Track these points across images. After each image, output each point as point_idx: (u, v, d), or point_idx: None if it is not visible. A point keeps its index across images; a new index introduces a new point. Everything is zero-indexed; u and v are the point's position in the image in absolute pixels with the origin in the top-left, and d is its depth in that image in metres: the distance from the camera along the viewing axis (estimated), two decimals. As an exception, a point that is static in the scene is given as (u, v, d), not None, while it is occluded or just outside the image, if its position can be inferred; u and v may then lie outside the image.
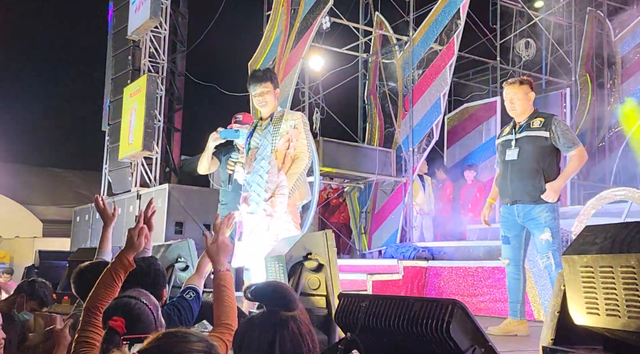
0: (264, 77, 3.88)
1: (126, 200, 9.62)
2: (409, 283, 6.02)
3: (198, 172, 4.73)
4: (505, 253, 4.05)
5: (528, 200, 3.83)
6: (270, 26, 9.44)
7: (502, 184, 4.00)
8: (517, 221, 3.92)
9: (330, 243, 2.77)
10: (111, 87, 11.22)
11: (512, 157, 3.91)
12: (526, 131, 3.90)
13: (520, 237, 3.96)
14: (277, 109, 3.96)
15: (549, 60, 10.67)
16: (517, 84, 4.00)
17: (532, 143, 3.86)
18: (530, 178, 3.83)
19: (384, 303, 2.17)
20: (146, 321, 1.87)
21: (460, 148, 9.56)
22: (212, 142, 4.37)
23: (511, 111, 4.03)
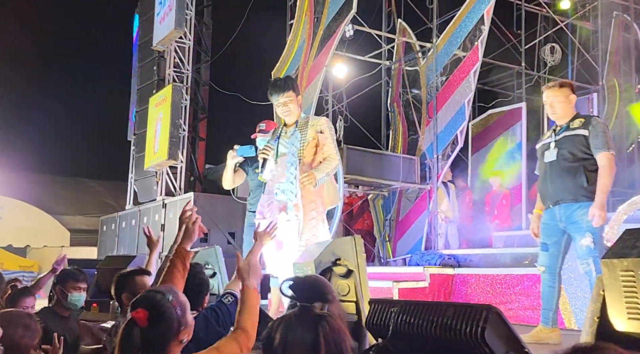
0: (286, 86, 3.89)
1: (152, 209, 9.72)
2: (435, 291, 5.95)
3: (224, 187, 4.86)
4: (542, 260, 3.93)
5: (570, 199, 3.71)
6: (293, 35, 9.48)
7: (543, 187, 3.90)
8: (559, 226, 3.80)
9: (359, 249, 2.76)
10: (137, 97, 11.38)
11: (551, 158, 3.82)
12: (566, 132, 3.81)
13: (559, 244, 3.85)
14: (301, 115, 3.99)
15: (575, 65, 10.54)
16: (556, 87, 3.90)
17: (571, 142, 3.76)
18: (571, 175, 3.72)
19: (415, 308, 2.14)
20: (169, 318, 1.87)
21: (485, 154, 9.46)
22: (231, 160, 4.54)
23: (552, 115, 3.92)
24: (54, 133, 17.53)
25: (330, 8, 8.42)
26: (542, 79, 10.65)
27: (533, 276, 5.32)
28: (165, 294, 1.91)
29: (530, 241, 6.56)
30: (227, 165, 4.64)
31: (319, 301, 1.54)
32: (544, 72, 10.39)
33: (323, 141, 3.80)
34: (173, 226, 8.83)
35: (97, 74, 17.91)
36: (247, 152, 4.46)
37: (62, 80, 18.67)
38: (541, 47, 10.38)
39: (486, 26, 7.92)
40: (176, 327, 1.87)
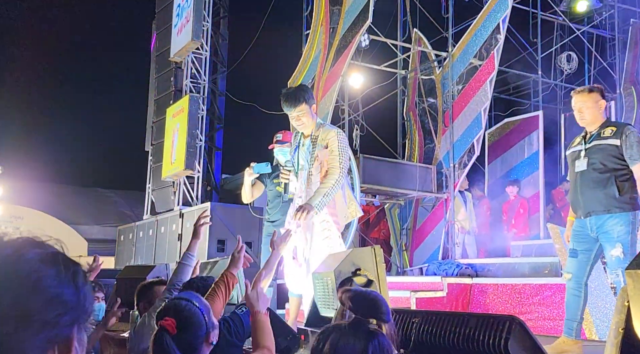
0: (297, 100, 3.81)
1: (169, 219, 9.79)
2: (453, 301, 5.92)
3: (243, 201, 4.95)
4: (570, 266, 3.84)
5: (601, 210, 3.64)
6: (309, 45, 9.54)
7: (573, 197, 3.83)
8: (591, 235, 3.73)
9: (379, 259, 2.76)
10: (154, 107, 11.49)
11: (582, 168, 3.74)
12: (596, 140, 3.72)
13: (590, 252, 3.76)
14: (318, 121, 3.96)
15: (591, 73, 10.48)
16: (585, 92, 3.82)
17: (602, 152, 3.67)
18: (602, 186, 3.65)
19: (437, 318, 2.15)
20: (197, 322, 1.91)
21: (502, 163, 9.42)
22: (248, 177, 4.62)
23: (580, 121, 3.84)
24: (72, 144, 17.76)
25: (346, 18, 8.47)
26: (558, 87, 10.60)
27: (553, 286, 5.28)
28: (190, 299, 1.94)
29: (549, 250, 6.52)
30: (244, 181, 4.71)
31: (374, 318, 1.55)
32: (560, 80, 10.34)
33: (325, 156, 3.77)
34: (190, 236, 8.88)
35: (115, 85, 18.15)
36: (263, 169, 4.53)
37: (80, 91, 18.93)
38: (557, 55, 10.33)
39: (502, 35, 7.91)
40: (205, 330, 1.91)
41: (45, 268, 0.77)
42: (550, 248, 6.24)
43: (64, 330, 0.76)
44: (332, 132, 3.81)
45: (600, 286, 4.72)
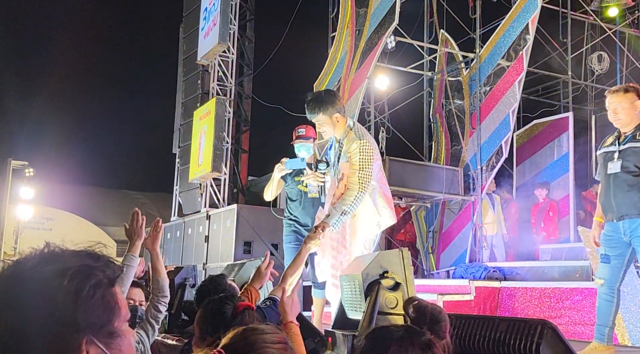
0: (313, 111, 3.71)
1: (196, 221, 9.87)
2: (481, 304, 5.85)
3: (265, 198, 4.84)
4: (602, 272, 3.75)
5: (635, 214, 3.56)
6: (335, 47, 9.55)
7: (605, 200, 3.75)
8: (623, 239, 3.64)
9: (406, 262, 2.73)
10: (181, 110, 11.61)
11: (615, 170, 3.65)
12: (631, 142, 3.64)
13: (623, 257, 3.68)
14: (348, 123, 3.80)
15: (624, 73, 10.26)
16: (621, 92, 3.72)
17: (636, 155, 3.59)
18: (636, 189, 3.56)
19: (467, 322, 2.12)
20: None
21: (531, 165, 9.29)
22: (278, 173, 4.50)
23: (615, 121, 3.74)
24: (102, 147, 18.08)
25: (372, 20, 8.45)
26: (589, 88, 10.42)
27: (584, 290, 5.18)
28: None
29: (579, 254, 6.40)
30: (273, 177, 4.59)
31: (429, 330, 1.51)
32: (591, 81, 10.15)
33: (345, 169, 3.65)
34: (217, 237, 8.95)
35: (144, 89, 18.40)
36: (297, 164, 4.36)
37: (110, 95, 19.26)
38: (588, 55, 10.15)
39: (531, 35, 7.80)
40: None
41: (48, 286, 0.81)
42: (580, 251, 6.13)
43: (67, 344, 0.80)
44: (355, 144, 3.64)
45: (634, 291, 4.62)
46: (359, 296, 2.81)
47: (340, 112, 3.77)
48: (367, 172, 3.61)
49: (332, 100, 3.78)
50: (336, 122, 3.73)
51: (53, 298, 0.80)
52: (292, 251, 4.74)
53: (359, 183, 3.57)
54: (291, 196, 4.88)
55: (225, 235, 8.64)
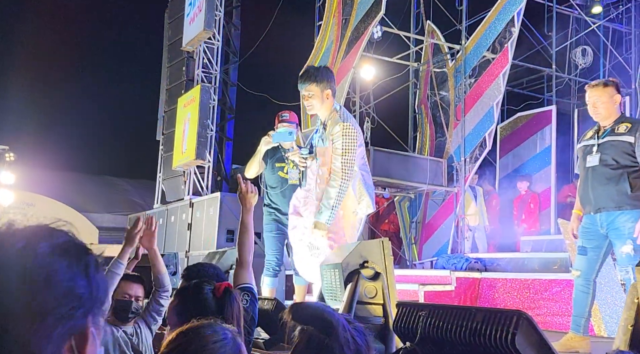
0: (308, 79, 3.64)
1: (179, 208, 9.83)
2: (461, 295, 5.91)
3: (247, 176, 4.65)
4: (579, 264, 3.80)
5: (612, 206, 3.59)
6: (321, 36, 9.51)
7: (583, 192, 3.77)
8: (600, 231, 3.69)
9: (386, 252, 2.75)
10: (165, 97, 11.51)
11: (593, 163, 3.68)
12: (610, 136, 3.66)
13: (600, 249, 3.72)
14: (334, 106, 3.71)
15: (607, 68, 10.35)
16: (600, 86, 3.75)
17: (614, 148, 3.62)
18: (613, 182, 3.60)
19: (444, 312, 2.14)
20: None
21: (514, 158, 9.36)
22: (265, 146, 4.34)
23: (595, 115, 3.77)
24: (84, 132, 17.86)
25: (358, 9, 8.42)
26: (572, 82, 10.49)
27: (562, 282, 5.25)
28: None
29: (559, 246, 6.48)
30: (258, 150, 4.41)
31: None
32: (574, 75, 10.22)
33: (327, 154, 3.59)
34: (200, 225, 8.92)
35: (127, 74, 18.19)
36: (284, 137, 4.07)
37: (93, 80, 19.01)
38: (572, 49, 10.21)
39: (516, 28, 7.84)
40: None
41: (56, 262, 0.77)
42: (560, 243, 6.20)
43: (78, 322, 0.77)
44: (338, 127, 3.56)
45: (610, 283, 4.69)
46: (339, 285, 2.82)
47: (332, 90, 3.72)
48: (350, 157, 3.54)
49: (328, 76, 3.73)
50: (325, 99, 3.66)
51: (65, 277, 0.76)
52: (273, 240, 4.70)
53: (342, 170, 3.52)
54: (271, 183, 4.76)
55: (208, 223, 8.61)
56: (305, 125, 9.49)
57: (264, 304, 3.29)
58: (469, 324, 1.97)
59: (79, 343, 0.77)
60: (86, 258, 0.81)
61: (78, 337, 0.77)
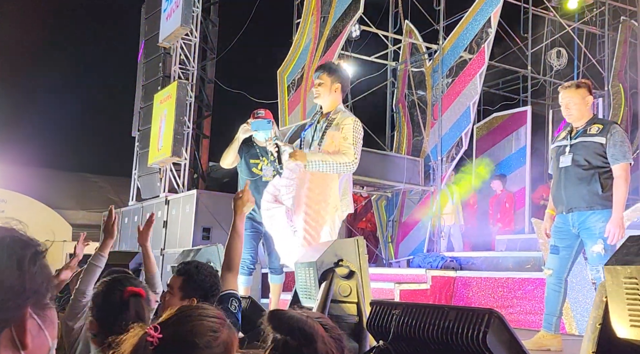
0: (323, 68, 3.82)
1: (155, 205, 9.73)
2: (437, 293, 5.95)
3: (222, 166, 4.70)
4: (551, 263, 3.85)
5: (584, 206, 3.65)
6: (299, 34, 9.49)
7: (556, 192, 3.82)
8: (572, 231, 3.74)
9: (361, 250, 2.75)
10: (142, 93, 11.38)
11: (566, 164, 3.73)
12: (582, 137, 3.72)
13: (571, 248, 3.77)
14: (340, 107, 3.82)
15: (581, 70, 10.51)
16: (573, 88, 3.80)
17: (586, 149, 3.67)
18: (585, 183, 3.65)
19: (417, 311, 2.14)
20: None
21: (490, 157, 9.46)
22: (243, 134, 4.35)
23: (568, 117, 3.83)
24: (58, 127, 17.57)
25: (337, 8, 8.42)
26: (547, 83, 10.63)
27: (535, 280, 5.31)
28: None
29: (532, 245, 6.56)
30: (236, 138, 4.40)
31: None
32: (549, 76, 10.36)
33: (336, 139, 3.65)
34: (176, 223, 8.84)
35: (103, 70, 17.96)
36: (263, 126, 4.10)
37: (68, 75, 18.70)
38: (547, 51, 10.35)
39: (493, 29, 7.90)
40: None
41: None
42: (534, 242, 6.28)
43: (12, 313, 0.79)
44: (350, 119, 3.70)
45: (582, 282, 4.76)
46: (313, 284, 2.81)
47: (343, 88, 3.84)
48: (358, 149, 3.66)
49: (342, 74, 3.88)
50: (333, 92, 3.78)
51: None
52: (249, 238, 4.66)
53: (354, 155, 3.61)
54: (243, 175, 4.73)
55: (184, 221, 8.53)
56: (282, 123, 9.46)
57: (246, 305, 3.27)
58: (442, 323, 1.97)
59: (19, 334, 0.80)
60: (21, 252, 0.83)
61: (17, 328, 0.80)
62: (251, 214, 4.60)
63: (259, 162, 4.68)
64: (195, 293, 2.31)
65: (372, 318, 2.22)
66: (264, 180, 4.60)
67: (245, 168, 4.69)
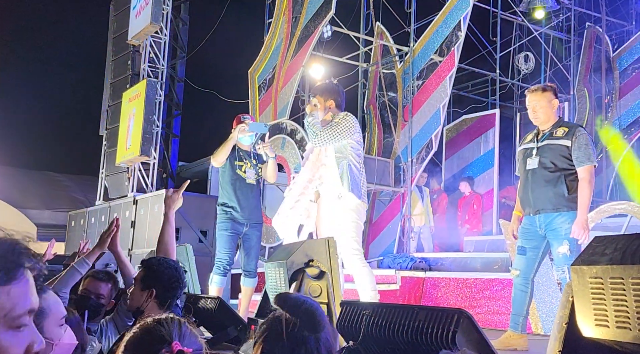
0: (313, 91, 4.08)
1: (122, 205, 9.58)
2: (406, 294, 5.99)
3: (213, 163, 4.79)
4: (518, 263, 3.90)
5: (550, 208, 3.70)
6: (271, 34, 9.45)
7: (523, 194, 3.87)
8: (539, 232, 3.79)
9: (332, 251, 2.74)
10: (110, 91, 11.19)
11: (533, 166, 3.78)
12: (548, 140, 3.78)
13: (538, 249, 3.82)
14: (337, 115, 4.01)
15: (547, 74, 10.71)
16: (539, 91, 3.86)
17: (552, 151, 3.73)
18: (552, 185, 3.71)
19: (387, 311, 2.14)
20: None
21: (459, 159, 9.57)
22: (239, 133, 4.51)
23: (534, 120, 3.88)
24: (23, 125, 17.15)
25: (308, 8, 8.41)
26: (515, 87, 10.81)
27: (502, 281, 5.39)
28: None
29: (500, 246, 6.65)
30: (231, 137, 4.57)
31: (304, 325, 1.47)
32: (517, 80, 10.53)
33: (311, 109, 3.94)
34: (144, 223, 8.72)
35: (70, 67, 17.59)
36: (260, 128, 4.37)
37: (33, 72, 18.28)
38: (515, 55, 10.52)
39: (463, 32, 8.00)
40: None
41: None
42: (502, 243, 6.37)
43: None
44: (343, 114, 3.93)
45: (548, 282, 4.84)
46: (284, 283, 2.79)
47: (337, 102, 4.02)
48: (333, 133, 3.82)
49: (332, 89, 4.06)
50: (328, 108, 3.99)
51: None
52: (227, 239, 4.68)
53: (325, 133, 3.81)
54: (227, 181, 4.76)
55: (152, 221, 8.42)
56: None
57: (207, 303, 3.23)
58: (412, 323, 1.98)
59: None
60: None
61: None
62: (232, 216, 4.62)
63: (243, 164, 4.75)
64: (155, 285, 2.38)
65: (342, 318, 2.21)
66: (247, 182, 4.69)
67: (230, 169, 4.75)
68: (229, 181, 4.72)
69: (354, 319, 2.17)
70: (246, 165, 4.72)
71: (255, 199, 4.74)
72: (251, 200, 4.69)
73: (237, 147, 4.72)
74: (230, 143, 4.56)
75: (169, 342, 1.24)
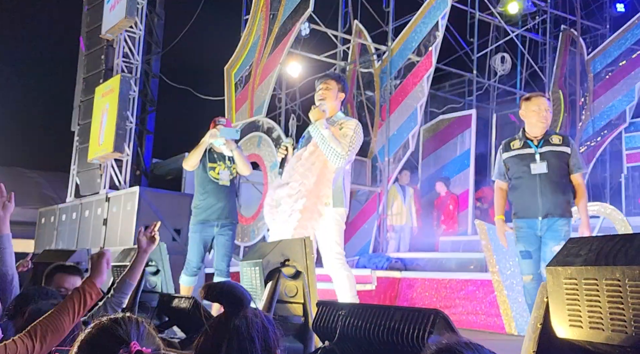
0: (330, 76, 3.96)
1: (94, 202, 9.41)
2: (382, 294, 5.98)
3: (185, 167, 4.82)
4: (528, 269, 3.90)
5: (558, 213, 3.77)
6: (248, 30, 9.36)
7: (529, 198, 3.85)
8: (537, 234, 3.83)
9: (308, 250, 2.70)
10: (82, 86, 10.98)
11: (542, 170, 3.80)
12: (548, 146, 3.84)
13: (539, 251, 3.87)
14: (340, 114, 3.94)
15: (523, 76, 10.82)
16: (546, 98, 3.97)
17: (557, 158, 3.81)
18: (562, 191, 3.80)
19: (363, 311, 2.11)
20: None
21: (435, 159, 9.60)
22: (210, 139, 4.54)
23: (541, 124, 3.88)
24: (-8, 119, 16.77)
25: (286, 5, 8.35)
26: (491, 87, 10.90)
27: (477, 281, 5.41)
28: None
29: (475, 246, 6.69)
30: (203, 141, 4.58)
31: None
32: (494, 81, 10.62)
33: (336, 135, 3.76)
34: (116, 220, 8.57)
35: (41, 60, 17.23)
36: (231, 134, 4.40)
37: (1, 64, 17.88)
38: (492, 56, 10.61)
39: (440, 32, 8.03)
40: None
41: None
42: (477, 244, 6.40)
43: None
44: (353, 121, 3.84)
45: (522, 283, 4.86)
46: (259, 283, 2.75)
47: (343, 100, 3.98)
48: (353, 149, 3.79)
49: (346, 86, 4.03)
50: (337, 99, 3.91)
51: None
52: (198, 242, 4.78)
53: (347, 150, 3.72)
54: (201, 183, 4.79)
55: (125, 219, 8.28)
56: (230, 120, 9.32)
57: (181, 303, 3.17)
58: (387, 323, 1.95)
59: None
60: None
61: None
62: (202, 218, 4.64)
63: (217, 166, 4.77)
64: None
65: (318, 318, 2.18)
66: (220, 184, 4.71)
67: (202, 172, 4.78)
68: (201, 183, 4.78)
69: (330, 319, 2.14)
70: (220, 167, 4.75)
71: (227, 200, 4.76)
72: (224, 201, 4.71)
73: (211, 149, 4.76)
74: (201, 147, 4.60)
75: (127, 342, 1.18)
